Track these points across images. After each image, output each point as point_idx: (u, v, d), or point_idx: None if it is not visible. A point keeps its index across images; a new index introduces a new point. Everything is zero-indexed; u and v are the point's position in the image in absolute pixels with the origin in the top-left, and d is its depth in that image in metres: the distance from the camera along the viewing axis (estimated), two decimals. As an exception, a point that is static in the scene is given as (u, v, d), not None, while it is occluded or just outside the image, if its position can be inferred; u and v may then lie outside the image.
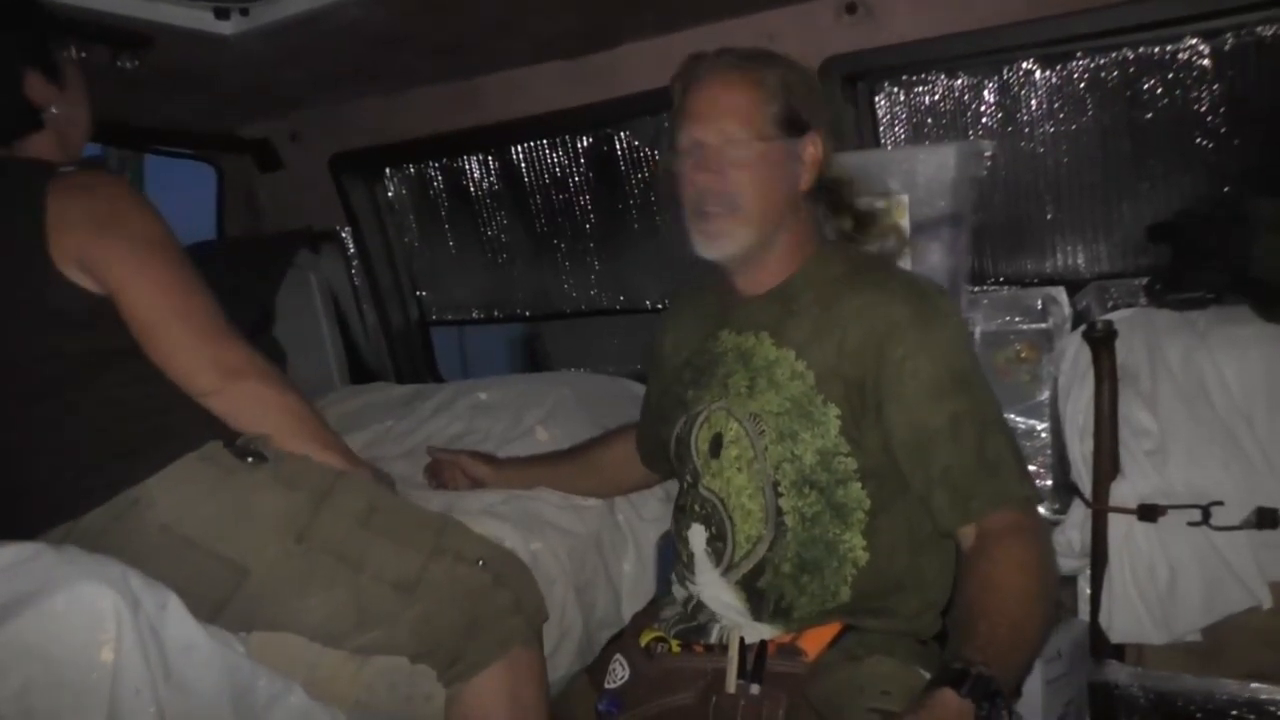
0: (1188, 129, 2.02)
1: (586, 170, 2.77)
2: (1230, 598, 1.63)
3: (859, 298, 1.43)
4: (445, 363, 3.43)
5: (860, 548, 1.41)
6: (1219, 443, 1.66)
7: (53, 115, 1.54)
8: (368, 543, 1.46)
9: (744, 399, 1.45)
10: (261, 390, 1.49)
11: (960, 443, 1.36)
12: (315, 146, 2.96)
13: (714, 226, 1.45)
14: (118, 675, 1.17)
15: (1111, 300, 1.99)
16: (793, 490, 1.42)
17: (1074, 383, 1.78)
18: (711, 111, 1.44)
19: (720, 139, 1.43)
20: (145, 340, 1.44)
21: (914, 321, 1.39)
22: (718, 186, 1.43)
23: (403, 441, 2.41)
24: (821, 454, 1.41)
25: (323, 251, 3.07)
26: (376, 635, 1.45)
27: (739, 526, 1.44)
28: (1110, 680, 1.70)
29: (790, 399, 1.42)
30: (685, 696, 1.38)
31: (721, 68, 1.47)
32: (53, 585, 1.18)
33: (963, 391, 1.39)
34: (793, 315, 1.47)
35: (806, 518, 1.41)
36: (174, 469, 1.40)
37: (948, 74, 2.20)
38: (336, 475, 1.52)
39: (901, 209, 1.97)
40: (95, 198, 1.46)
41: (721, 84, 1.46)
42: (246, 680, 1.31)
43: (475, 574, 1.50)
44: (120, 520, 1.38)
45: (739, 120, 1.44)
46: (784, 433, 1.42)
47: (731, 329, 1.53)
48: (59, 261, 1.40)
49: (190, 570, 1.37)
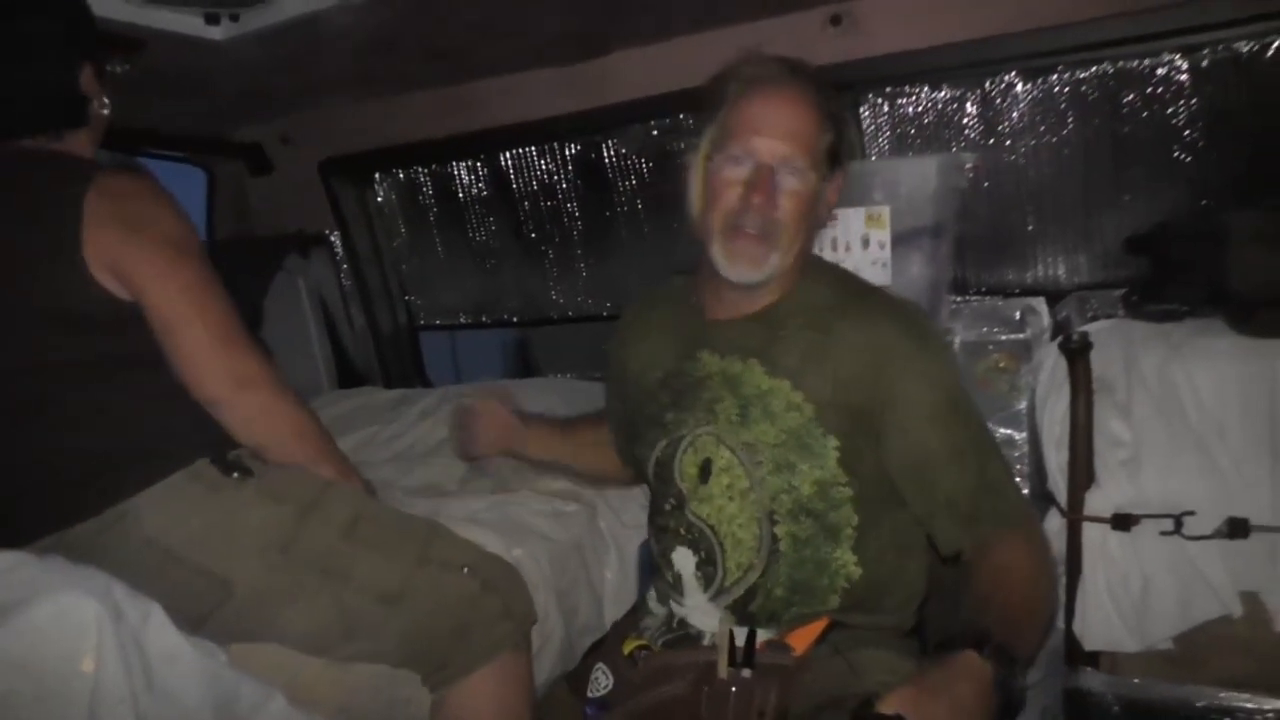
0: (1166, 143, 2.05)
1: (575, 177, 2.79)
2: (1202, 606, 1.65)
3: (851, 325, 1.43)
4: (437, 365, 3.44)
5: (852, 563, 1.43)
6: (1192, 453, 1.68)
7: (95, 112, 1.55)
8: (352, 555, 1.46)
9: (735, 427, 1.44)
10: (270, 403, 1.48)
11: (963, 468, 1.39)
12: (306, 151, 2.97)
13: (748, 248, 1.41)
14: (99, 685, 1.16)
15: (1091, 311, 2.00)
16: (788, 518, 1.42)
17: (1051, 393, 1.80)
18: (776, 130, 1.39)
19: (780, 161, 1.39)
20: (164, 343, 1.43)
21: (908, 349, 1.41)
22: (766, 210, 1.39)
23: (390, 446, 2.42)
24: (819, 484, 1.41)
25: (312, 255, 3.08)
26: (362, 646, 1.45)
27: (730, 554, 1.44)
28: (1084, 687, 1.72)
29: (787, 431, 1.41)
30: (677, 687, 1.38)
31: (794, 81, 1.41)
32: (35, 595, 1.17)
33: (959, 417, 1.41)
34: (780, 340, 1.45)
35: (800, 540, 1.42)
36: (162, 486, 1.40)
37: (931, 86, 2.22)
38: (324, 486, 1.51)
39: (883, 220, 1.99)
40: (128, 200, 1.45)
41: (791, 103, 1.40)
42: (229, 689, 1.30)
43: (462, 581, 1.50)
44: (107, 533, 1.38)
45: (801, 147, 1.39)
46: (781, 464, 1.41)
47: (713, 350, 1.49)
48: (91, 262, 1.40)
49: (174, 584, 1.36)
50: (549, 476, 2.00)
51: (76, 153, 1.52)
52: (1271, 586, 1.65)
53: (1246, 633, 1.66)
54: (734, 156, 1.40)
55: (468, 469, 2.11)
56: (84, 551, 1.34)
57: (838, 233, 2.03)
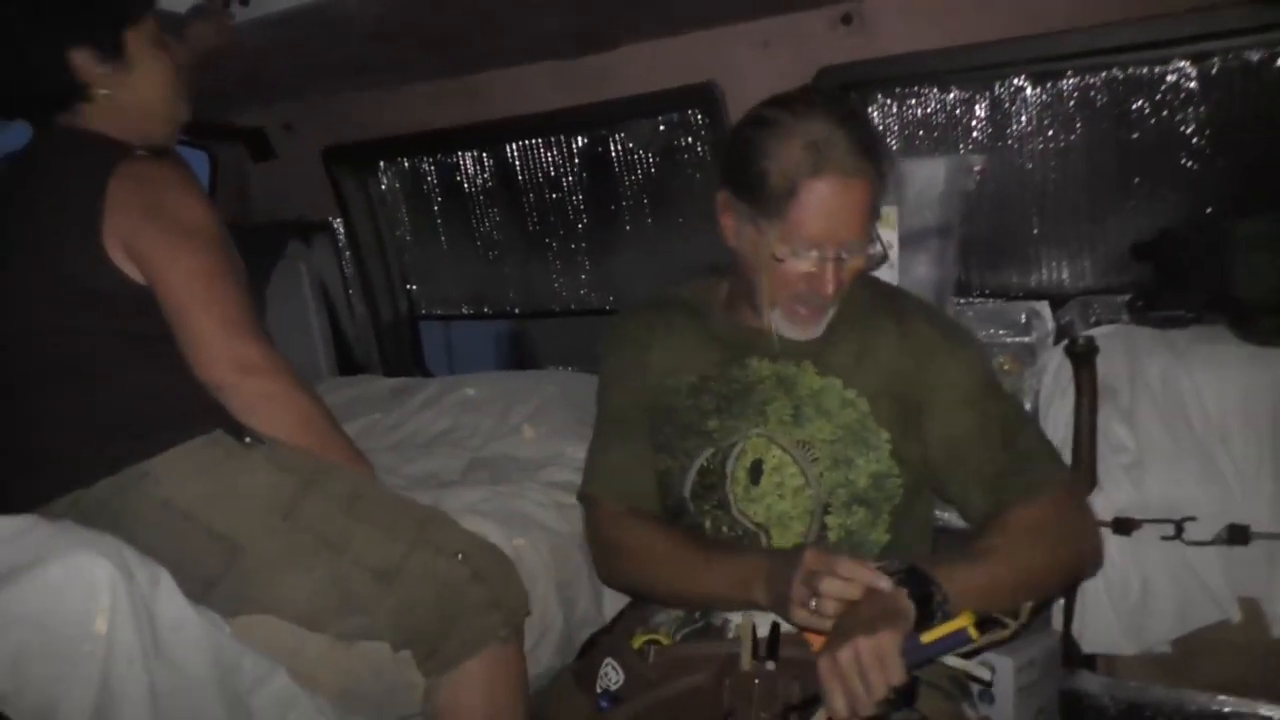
0: (1173, 150, 2.05)
1: (580, 171, 2.78)
2: (1200, 611, 1.67)
3: (894, 324, 1.50)
4: (431, 356, 3.43)
5: (885, 543, 1.47)
6: (1194, 459, 1.70)
7: (104, 95, 1.55)
8: (351, 528, 1.48)
9: (789, 426, 1.47)
10: (274, 389, 1.50)
11: (990, 442, 1.44)
12: (309, 137, 2.96)
13: (810, 319, 1.47)
14: (111, 646, 1.18)
15: (1094, 315, 2.01)
16: (842, 509, 1.46)
17: (1055, 396, 1.81)
18: (846, 219, 1.37)
19: (844, 249, 1.40)
20: (173, 327, 1.46)
21: (947, 342, 1.49)
22: (834, 291, 1.42)
23: (390, 435, 2.42)
24: (874, 476, 1.46)
25: (314, 243, 3.08)
26: (358, 621, 1.46)
27: (775, 542, 1.47)
28: (1081, 689, 1.74)
29: (843, 426, 1.46)
30: (697, 679, 1.37)
31: (860, 169, 1.37)
32: (49, 555, 1.18)
33: (991, 397, 1.48)
34: (830, 344, 1.50)
35: (848, 530, 1.46)
36: (180, 450, 1.43)
37: (940, 87, 2.22)
38: (328, 464, 1.53)
39: (891, 220, 1.99)
40: (150, 186, 1.48)
41: (861, 191, 1.38)
42: (232, 661, 1.32)
43: (453, 567, 1.51)
44: (125, 492, 1.41)
45: (861, 230, 1.40)
46: (839, 459, 1.45)
47: (764, 356, 1.52)
48: (109, 246, 1.44)
49: (185, 545, 1.40)
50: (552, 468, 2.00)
51: (110, 134, 1.54)
52: (1270, 593, 1.67)
53: (1244, 638, 1.68)
54: (802, 249, 1.39)
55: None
56: (101, 511, 1.38)
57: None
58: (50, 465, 1.45)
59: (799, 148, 1.35)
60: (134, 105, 1.58)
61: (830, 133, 1.35)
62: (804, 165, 1.35)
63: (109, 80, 1.55)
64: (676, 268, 1.61)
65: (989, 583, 1.28)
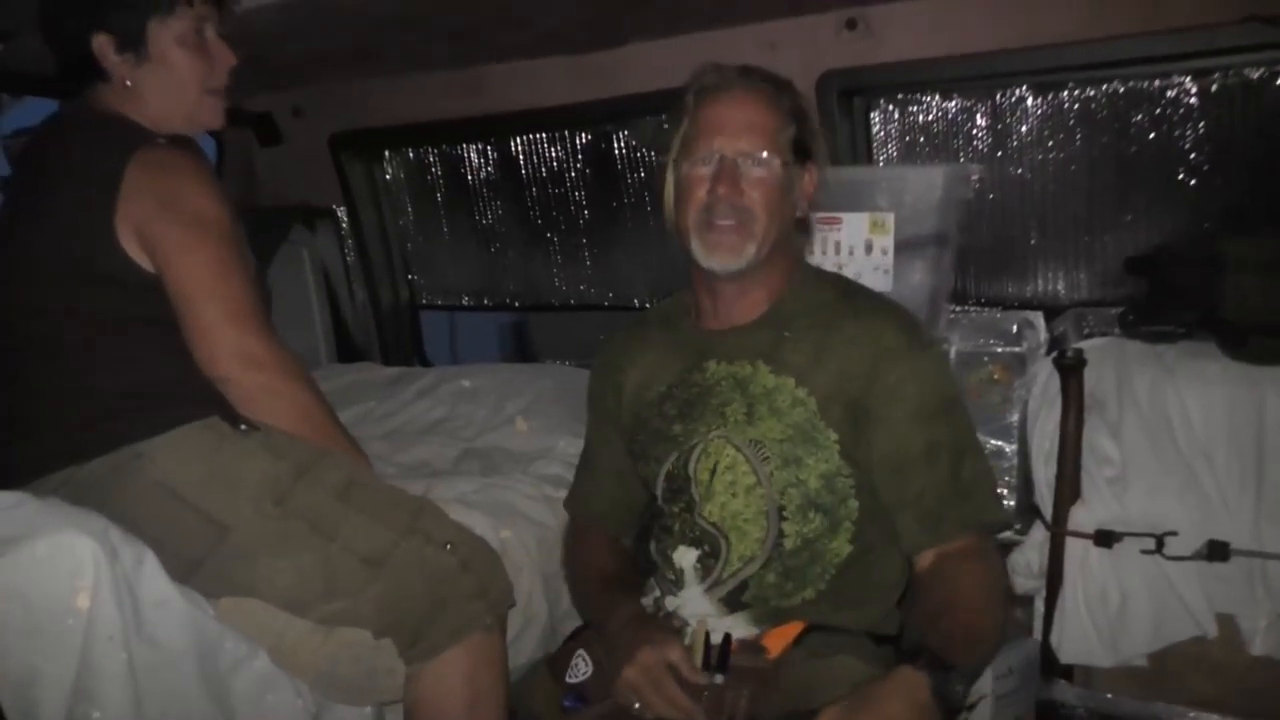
0: (1172, 165, 2.06)
1: (584, 166, 2.80)
2: (1177, 626, 1.68)
3: (856, 322, 1.47)
4: (434, 346, 3.45)
5: (847, 554, 1.46)
6: (1178, 475, 1.70)
7: (124, 84, 1.55)
8: (342, 515, 1.49)
9: (742, 426, 1.47)
10: (277, 385, 1.51)
11: (935, 467, 1.41)
12: (316, 123, 2.98)
13: (723, 238, 1.45)
14: (92, 621, 1.20)
15: (1088, 328, 2.02)
16: (797, 514, 1.45)
17: (1043, 407, 1.82)
18: (735, 126, 1.45)
19: (740, 153, 1.44)
20: (180, 317, 1.47)
21: (907, 349, 1.45)
22: (734, 199, 1.43)
23: (384, 423, 2.44)
24: (825, 477, 1.45)
25: (318, 228, 3.09)
26: (341, 606, 1.47)
27: (734, 548, 1.46)
28: (1057, 699, 1.75)
29: (792, 425, 1.45)
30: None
31: (746, 83, 1.48)
32: (34, 531, 1.20)
33: (944, 418, 1.45)
34: (787, 341, 1.49)
35: (807, 539, 1.45)
36: (177, 433, 1.45)
37: (942, 95, 2.23)
38: (323, 452, 1.54)
39: (888, 226, 2.00)
40: (164, 174, 1.49)
41: (746, 100, 1.47)
42: (213, 641, 1.34)
43: (442, 557, 1.52)
44: (119, 471, 1.42)
45: (761, 138, 1.45)
46: (788, 459, 1.44)
47: (720, 359, 1.52)
48: (121, 231, 1.45)
49: (173, 524, 1.41)
50: (543, 462, 2.02)
51: (133, 118, 1.55)
52: (1248, 610, 1.67)
53: (1220, 655, 1.68)
54: (699, 158, 1.46)
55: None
56: (95, 488, 1.40)
57: (841, 236, 2.04)
58: (49, 439, 1.46)
59: (695, 77, 1.51)
60: (154, 98, 1.57)
61: (725, 67, 1.50)
62: (698, 88, 1.50)
63: (127, 69, 1.56)
64: (676, 267, 1.62)
65: (967, 637, 1.31)
